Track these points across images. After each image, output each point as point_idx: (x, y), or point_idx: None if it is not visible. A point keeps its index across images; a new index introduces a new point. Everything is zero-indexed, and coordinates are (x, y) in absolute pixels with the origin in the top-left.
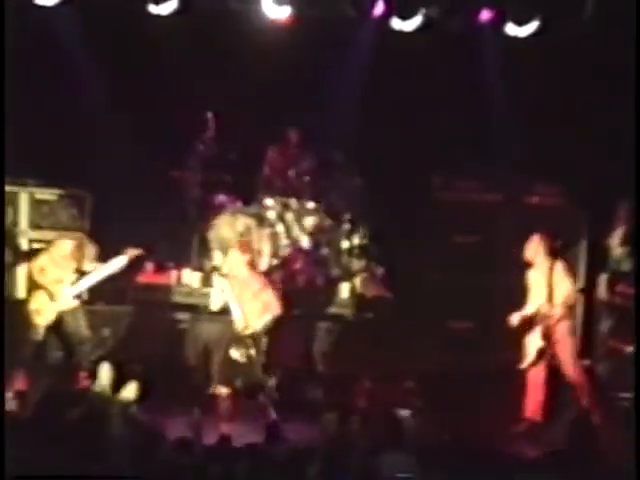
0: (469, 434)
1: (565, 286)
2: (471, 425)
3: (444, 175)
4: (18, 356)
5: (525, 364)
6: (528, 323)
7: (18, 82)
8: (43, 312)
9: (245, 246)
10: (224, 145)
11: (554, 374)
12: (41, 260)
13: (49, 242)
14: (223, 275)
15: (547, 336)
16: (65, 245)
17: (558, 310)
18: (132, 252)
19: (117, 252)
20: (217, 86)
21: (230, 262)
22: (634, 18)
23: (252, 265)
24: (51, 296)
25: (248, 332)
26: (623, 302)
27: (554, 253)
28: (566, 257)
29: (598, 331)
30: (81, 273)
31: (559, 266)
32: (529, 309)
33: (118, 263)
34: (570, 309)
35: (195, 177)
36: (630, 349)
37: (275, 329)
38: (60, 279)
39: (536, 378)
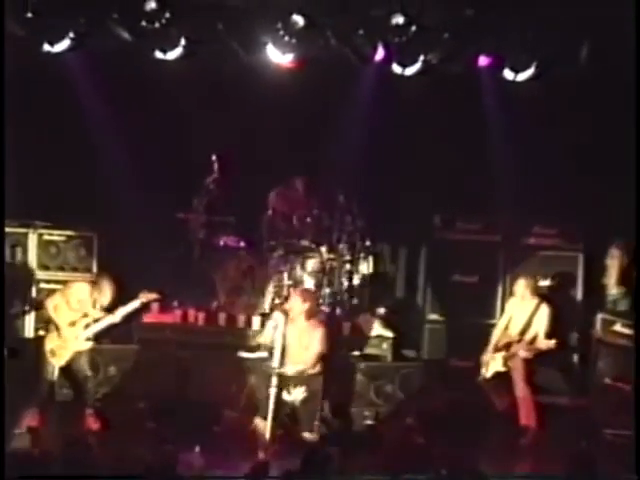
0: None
1: (543, 331)
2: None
3: (445, 216)
4: (31, 394)
5: (480, 378)
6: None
7: (28, 125)
8: (59, 353)
9: (306, 295)
10: (229, 187)
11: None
12: (55, 299)
13: (63, 282)
14: (284, 312)
15: (507, 364)
16: (81, 288)
17: (523, 352)
18: (147, 296)
19: (124, 292)
20: (222, 129)
21: (291, 308)
22: (630, 61)
23: (310, 314)
24: (65, 337)
25: (289, 373)
26: (620, 341)
27: (543, 295)
28: (561, 296)
29: (595, 370)
30: (93, 316)
31: (545, 310)
32: (497, 331)
33: (132, 306)
34: (534, 350)
35: (200, 219)
36: (628, 388)
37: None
38: (73, 322)
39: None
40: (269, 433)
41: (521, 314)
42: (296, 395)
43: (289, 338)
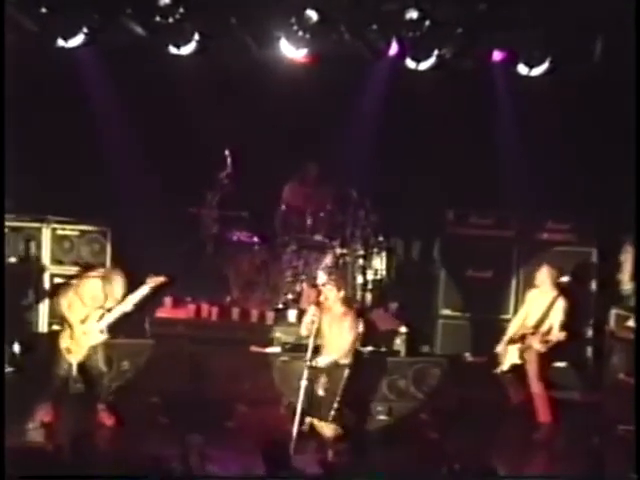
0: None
1: (557, 324)
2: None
3: (458, 211)
4: (44, 388)
5: (498, 371)
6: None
7: (42, 120)
8: (75, 350)
9: (339, 282)
10: (242, 182)
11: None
12: (69, 297)
13: (75, 277)
14: (319, 305)
15: (523, 357)
16: (93, 284)
17: (536, 343)
18: (154, 280)
19: (137, 286)
20: (236, 124)
21: (325, 296)
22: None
23: (345, 301)
24: (78, 334)
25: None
26: (633, 337)
27: (561, 288)
28: (575, 292)
29: (608, 365)
30: (107, 308)
31: (561, 303)
32: (516, 323)
33: (141, 292)
34: (548, 343)
35: (213, 214)
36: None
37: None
38: (85, 318)
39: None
40: (297, 427)
41: (539, 306)
42: (321, 385)
43: (325, 329)
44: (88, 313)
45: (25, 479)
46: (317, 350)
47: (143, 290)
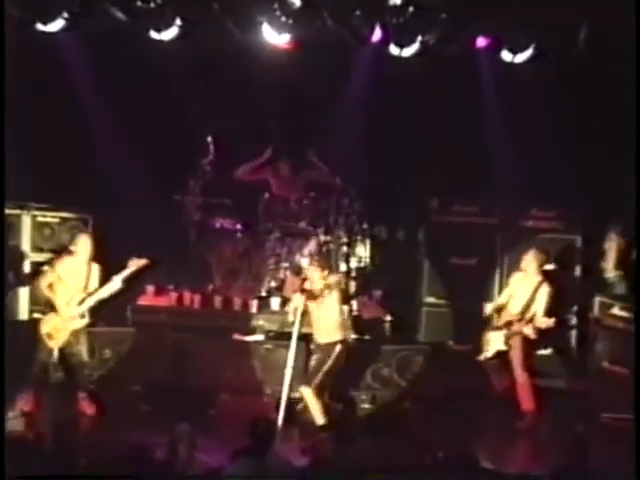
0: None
1: (542, 309)
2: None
3: (442, 198)
4: (25, 376)
5: (482, 357)
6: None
7: (21, 106)
8: (56, 335)
9: (322, 262)
10: (225, 169)
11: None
12: (48, 277)
13: (53, 259)
14: (304, 292)
15: (508, 343)
16: (71, 261)
17: (526, 328)
18: (136, 262)
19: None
20: (218, 110)
21: (309, 278)
22: (630, 42)
23: (329, 282)
24: (62, 317)
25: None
26: (617, 325)
27: (546, 274)
28: (559, 279)
29: (592, 353)
30: (87, 292)
31: (545, 289)
32: (501, 299)
33: (124, 274)
34: (535, 329)
35: (196, 200)
36: (625, 371)
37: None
38: (69, 299)
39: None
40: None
41: (523, 290)
42: (313, 359)
43: (314, 313)
44: (71, 295)
45: (24, 479)
46: (307, 338)
47: (125, 272)
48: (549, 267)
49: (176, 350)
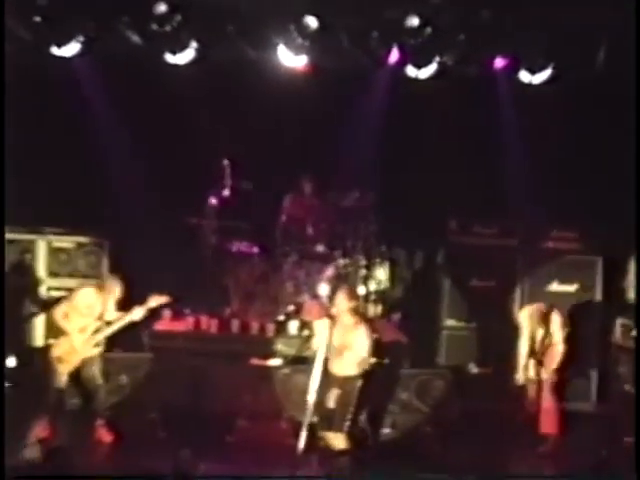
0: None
1: (559, 339)
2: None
3: (461, 219)
4: (41, 403)
5: (514, 382)
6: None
7: (38, 131)
8: (66, 360)
9: (351, 293)
10: (241, 192)
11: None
12: (64, 307)
13: (70, 290)
14: (331, 317)
15: (538, 372)
16: (87, 294)
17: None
18: (155, 299)
19: (135, 298)
20: (234, 134)
21: (337, 306)
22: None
23: (357, 312)
24: (74, 344)
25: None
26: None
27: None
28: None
29: (614, 375)
30: (104, 320)
31: (557, 318)
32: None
33: (140, 312)
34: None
35: (212, 224)
36: None
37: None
38: (84, 327)
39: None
40: (305, 442)
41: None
42: (331, 397)
43: (336, 341)
44: (85, 324)
45: (24, 479)
46: (325, 363)
47: (145, 307)
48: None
49: (193, 375)
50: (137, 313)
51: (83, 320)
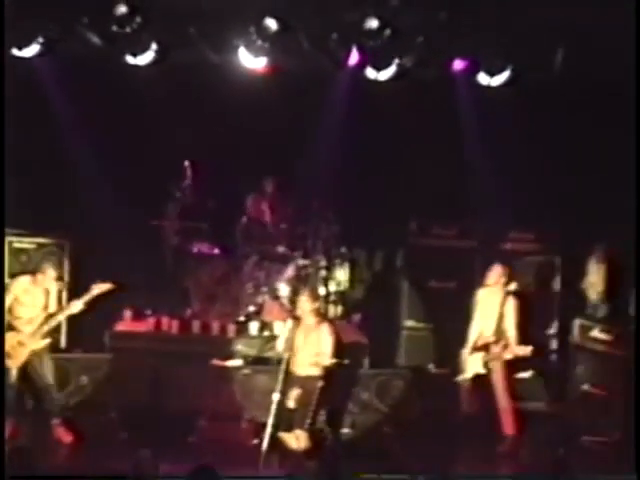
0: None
1: (512, 325)
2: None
3: (421, 221)
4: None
5: (459, 379)
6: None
7: None
8: (14, 355)
9: (314, 294)
10: (202, 193)
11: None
12: (7, 301)
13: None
14: (294, 318)
15: (487, 367)
16: (22, 283)
17: (506, 354)
18: (99, 287)
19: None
20: (195, 135)
21: (300, 307)
22: (606, 67)
23: (319, 313)
24: (22, 337)
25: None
26: (597, 347)
27: (511, 291)
28: (539, 301)
29: (572, 375)
30: (49, 313)
31: (512, 302)
32: (474, 330)
33: (85, 299)
34: (508, 347)
35: (173, 225)
36: (605, 394)
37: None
38: (30, 319)
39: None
40: (268, 442)
41: (491, 306)
42: (292, 397)
43: (298, 341)
44: (32, 315)
45: (23, 479)
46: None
47: (87, 295)
48: (512, 286)
49: (154, 376)
50: (76, 305)
51: (27, 311)
